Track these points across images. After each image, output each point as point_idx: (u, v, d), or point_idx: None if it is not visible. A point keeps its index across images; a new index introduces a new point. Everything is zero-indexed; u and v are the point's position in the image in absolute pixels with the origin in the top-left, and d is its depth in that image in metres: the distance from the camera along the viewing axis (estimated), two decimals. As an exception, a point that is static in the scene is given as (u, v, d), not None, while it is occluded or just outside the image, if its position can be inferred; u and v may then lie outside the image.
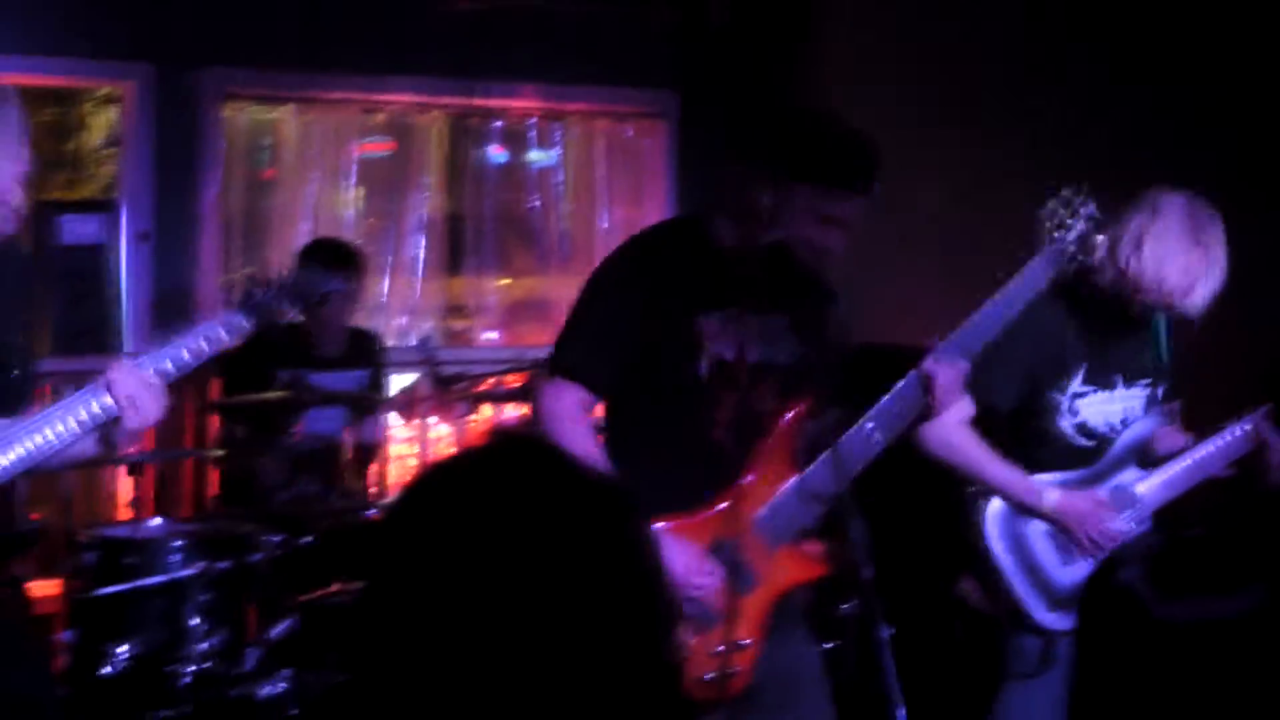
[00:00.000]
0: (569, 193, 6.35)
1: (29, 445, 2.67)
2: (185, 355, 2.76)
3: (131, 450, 5.01)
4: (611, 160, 6.32)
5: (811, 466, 2.87)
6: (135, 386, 2.66)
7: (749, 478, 2.90)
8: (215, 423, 5.05)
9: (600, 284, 2.99)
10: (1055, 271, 2.98)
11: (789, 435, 2.90)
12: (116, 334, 5.42)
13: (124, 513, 5.23)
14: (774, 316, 2.95)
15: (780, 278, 2.89)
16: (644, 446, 2.92)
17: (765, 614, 2.90)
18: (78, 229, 5.50)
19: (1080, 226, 2.97)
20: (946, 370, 2.86)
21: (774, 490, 2.89)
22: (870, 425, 2.82)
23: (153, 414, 2.69)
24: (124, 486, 5.27)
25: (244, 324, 2.81)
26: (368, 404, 4.72)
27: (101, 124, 5.97)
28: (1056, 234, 2.96)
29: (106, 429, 2.74)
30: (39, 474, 2.87)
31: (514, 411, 5.25)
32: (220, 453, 4.78)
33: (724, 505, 2.89)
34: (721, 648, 2.84)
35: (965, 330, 2.91)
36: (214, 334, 2.79)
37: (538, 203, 6.34)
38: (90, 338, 4.95)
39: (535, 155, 6.36)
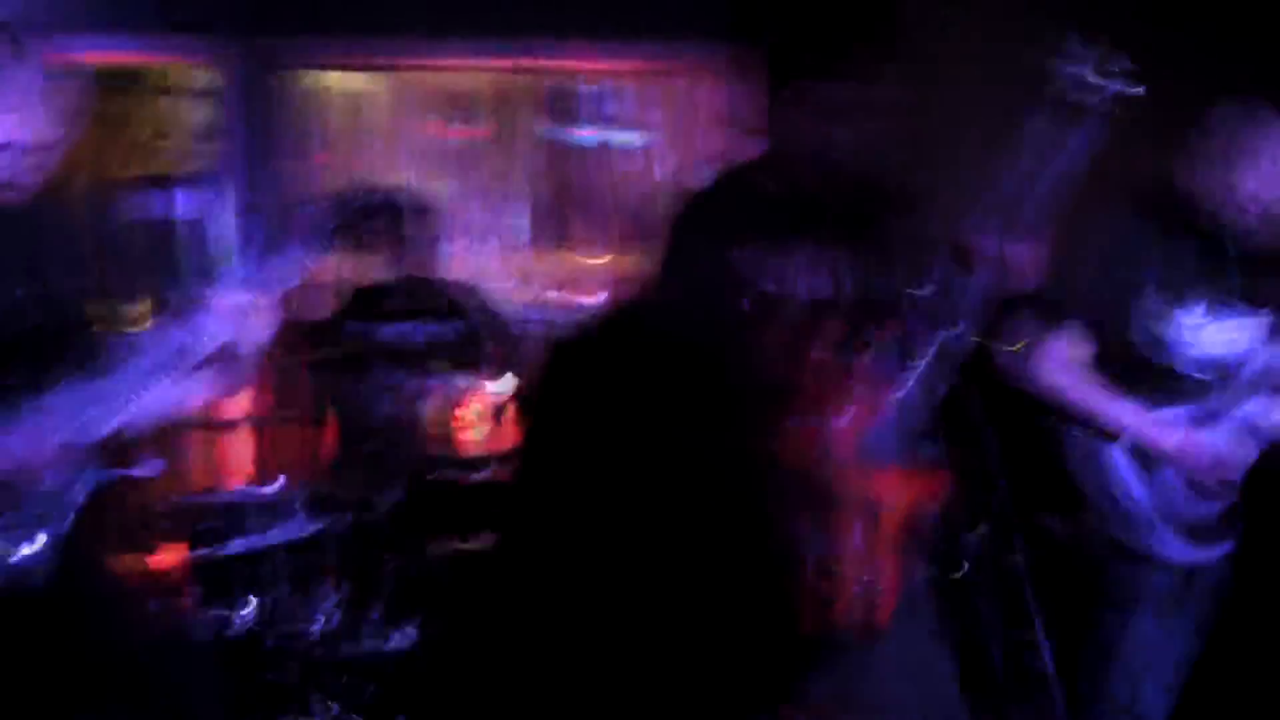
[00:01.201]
0: (660, 159, 6.33)
1: (140, 393, 2.69)
2: (277, 278, 2.74)
3: (240, 411, 5.09)
4: (697, 118, 6.23)
5: (907, 379, 2.81)
6: (237, 306, 2.67)
7: (836, 412, 2.85)
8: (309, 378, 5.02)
9: (668, 254, 2.96)
10: (1084, 132, 2.78)
11: (849, 363, 2.86)
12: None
13: (240, 476, 5.22)
14: (825, 245, 2.90)
15: (831, 202, 2.83)
16: None
17: (897, 539, 2.88)
18: (177, 203, 5.54)
19: (1111, 86, 2.75)
20: (1023, 249, 2.79)
21: (867, 417, 2.84)
22: (960, 326, 2.75)
23: (259, 334, 2.70)
24: (239, 449, 5.31)
25: (328, 244, 2.78)
26: (460, 359, 4.75)
27: (199, 109, 6.03)
28: (1086, 97, 2.75)
29: (218, 360, 2.73)
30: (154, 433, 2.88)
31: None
32: (323, 410, 4.79)
33: (816, 444, 2.84)
34: (859, 588, 2.84)
35: (1004, 204, 2.78)
36: (299, 253, 2.76)
37: (631, 172, 6.34)
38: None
39: (620, 137, 6.38)
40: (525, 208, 6.24)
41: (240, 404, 5.12)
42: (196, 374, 2.77)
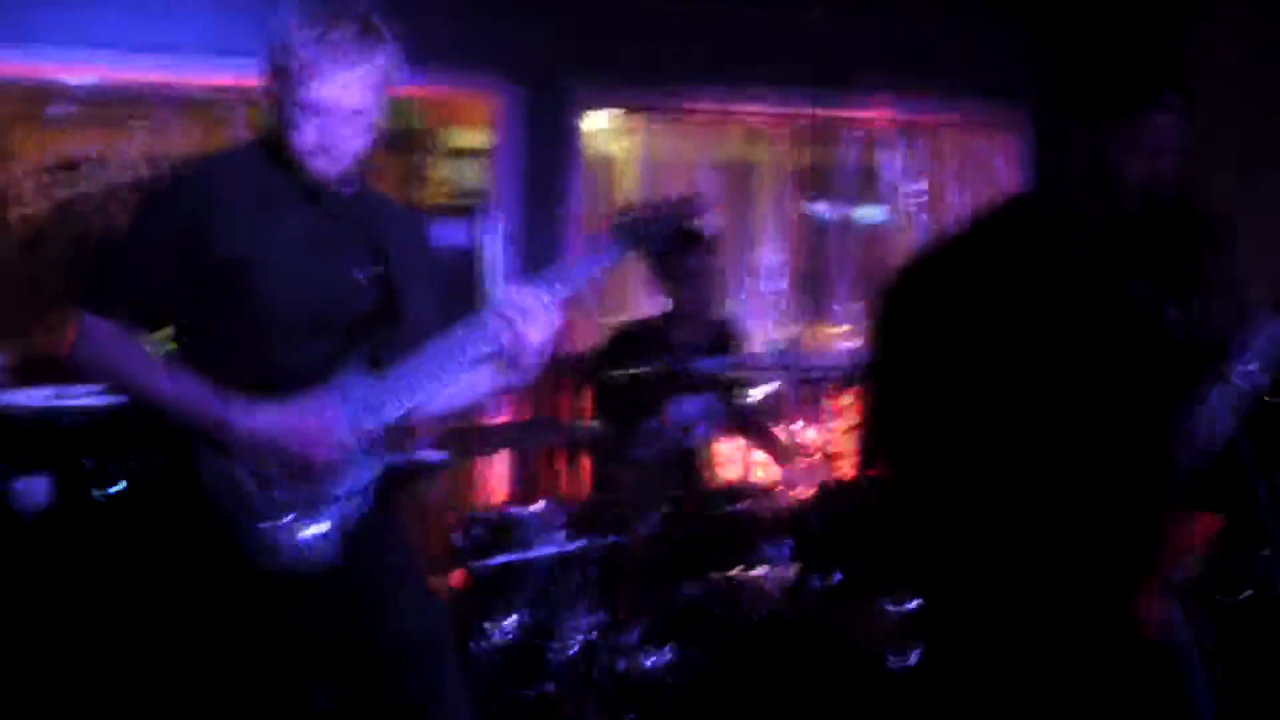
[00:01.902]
0: (926, 206, 6.49)
1: (428, 384, 2.81)
2: (564, 283, 2.84)
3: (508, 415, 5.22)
4: (964, 174, 6.42)
5: (1193, 416, 2.72)
6: (526, 302, 2.77)
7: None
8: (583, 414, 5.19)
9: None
10: None
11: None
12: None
13: (505, 490, 5.48)
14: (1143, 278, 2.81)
15: (1149, 235, 2.77)
16: None
17: (1165, 575, 2.74)
18: (453, 234, 5.88)
19: None
20: None
21: None
22: (1251, 367, 2.70)
23: (545, 329, 2.77)
24: (498, 467, 5.52)
25: (616, 248, 2.89)
26: (736, 387, 4.83)
27: (469, 140, 6.46)
28: None
29: (503, 354, 2.81)
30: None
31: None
32: (590, 430, 4.86)
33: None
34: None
35: None
36: (591, 259, 2.89)
37: (894, 217, 6.46)
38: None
39: (872, 212, 6.56)
40: (780, 279, 6.42)
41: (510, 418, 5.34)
42: (479, 369, 2.88)
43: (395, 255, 2.90)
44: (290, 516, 2.74)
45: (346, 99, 2.73)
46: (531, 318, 2.77)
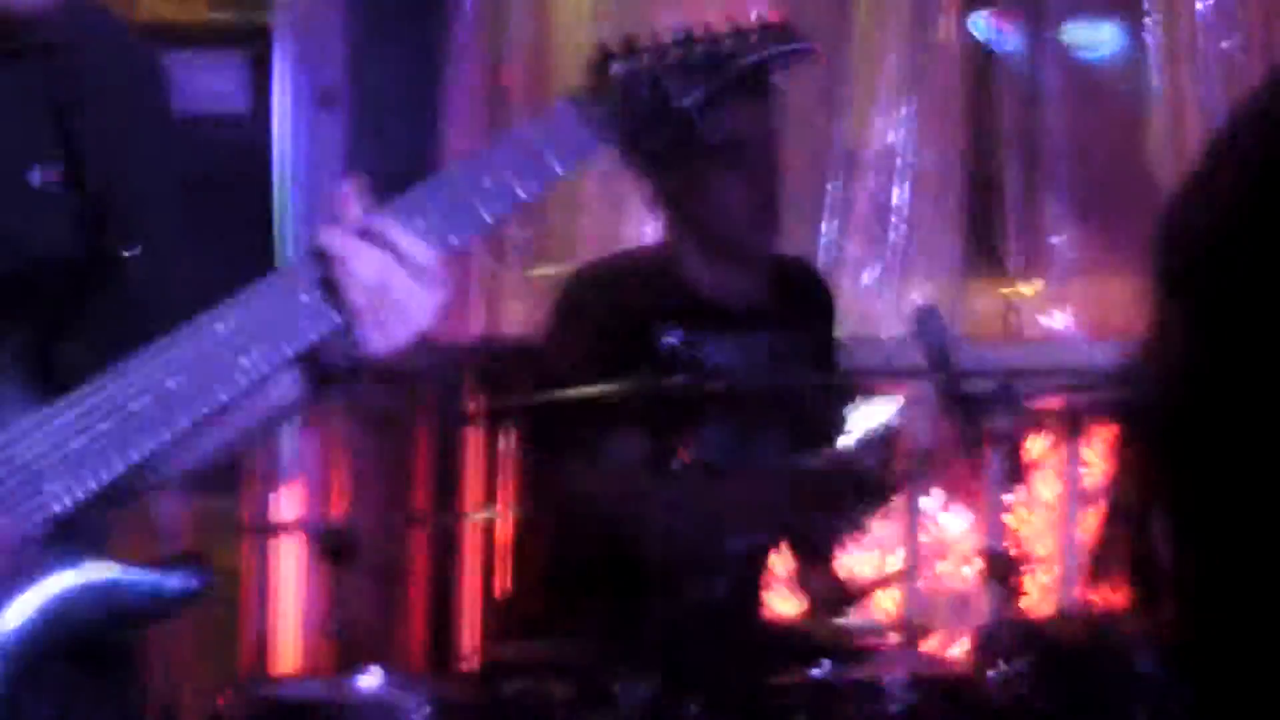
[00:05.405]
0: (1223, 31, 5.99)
1: (196, 408, 2.59)
2: (481, 208, 2.63)
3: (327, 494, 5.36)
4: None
5: None
6: (378, 266, 2.60)
7: None
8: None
9: None
10: None
11: None
12: (282, 256, 5.53)
13: (302, 649, 5.41)
14: None
15: None
16: None
17: None
18: (208, 85, 5.45)
19: None
20: None
21: None
22: None
23: (418, 319, 2.64)
24: (314, 582, 5.21)
25: (596, 130, 2.67)
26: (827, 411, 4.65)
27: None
28: None
29: (332, 350, 2.66)
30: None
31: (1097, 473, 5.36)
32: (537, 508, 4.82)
33: None
34: None
35: None
36: (537, 154, 2.65)
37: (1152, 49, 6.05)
38: (239, 260, 4.73)
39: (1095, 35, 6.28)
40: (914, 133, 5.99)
41: (330, 483, 5.38)
42: (288, 378, 2.69)
43: (101, 132, 2.75)
44: None
45: None
46: (387, 296, 2.61)
